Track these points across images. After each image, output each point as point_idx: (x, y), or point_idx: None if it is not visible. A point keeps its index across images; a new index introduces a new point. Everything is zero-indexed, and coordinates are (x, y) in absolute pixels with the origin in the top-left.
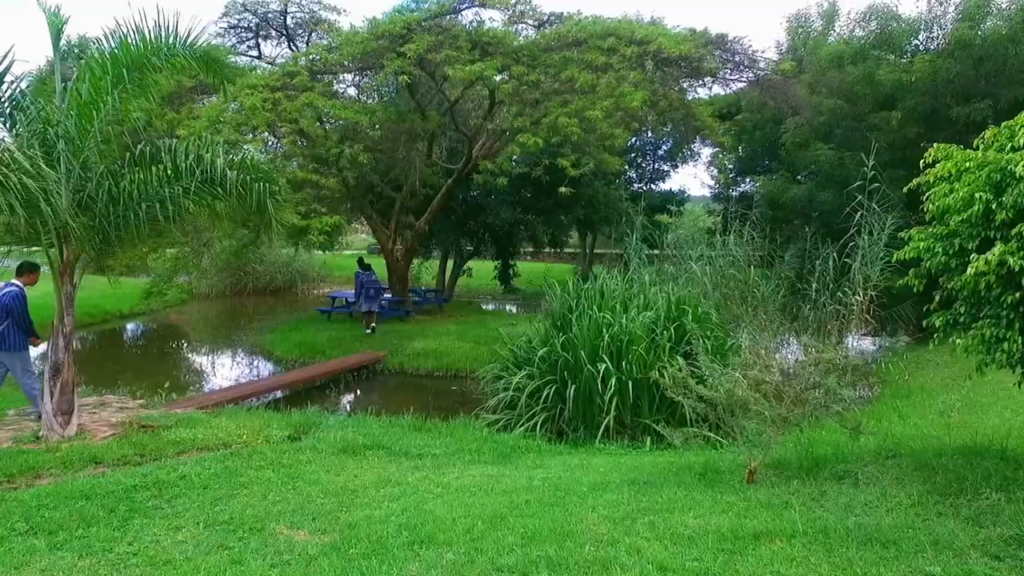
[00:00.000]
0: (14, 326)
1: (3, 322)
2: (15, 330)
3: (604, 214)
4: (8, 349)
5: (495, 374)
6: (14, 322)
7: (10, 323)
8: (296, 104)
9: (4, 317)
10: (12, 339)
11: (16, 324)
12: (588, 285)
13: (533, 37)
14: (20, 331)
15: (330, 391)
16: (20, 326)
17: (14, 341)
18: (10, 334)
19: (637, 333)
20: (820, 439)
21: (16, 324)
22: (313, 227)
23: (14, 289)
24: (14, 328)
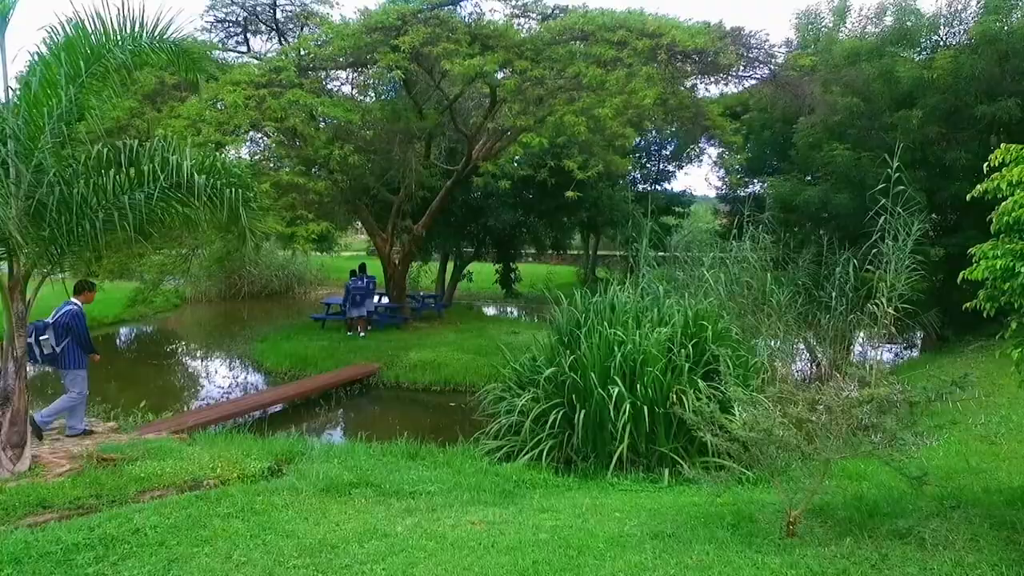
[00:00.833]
0: (74, 344)
1: (64, 340)
2: (75, 348)
3: (609, 216)
4: (68, 366)
5: (497, 395)
6: (74, 340)
7: (70, 341)
8: (282, 101)
9: (64, 335)
10: (71, 357)
11: (76, 342)
12: (597, 298)
13: (537, 31)
14: (80, 349)
15: (320, 409)
16: (80, 344)
17: (73, 359)
18: (70, 352)
19: (652, 352)
20: (862, 473)
21: (76, 342)
22: (298, 235)
23: (73, 307)
24: (74, 346)
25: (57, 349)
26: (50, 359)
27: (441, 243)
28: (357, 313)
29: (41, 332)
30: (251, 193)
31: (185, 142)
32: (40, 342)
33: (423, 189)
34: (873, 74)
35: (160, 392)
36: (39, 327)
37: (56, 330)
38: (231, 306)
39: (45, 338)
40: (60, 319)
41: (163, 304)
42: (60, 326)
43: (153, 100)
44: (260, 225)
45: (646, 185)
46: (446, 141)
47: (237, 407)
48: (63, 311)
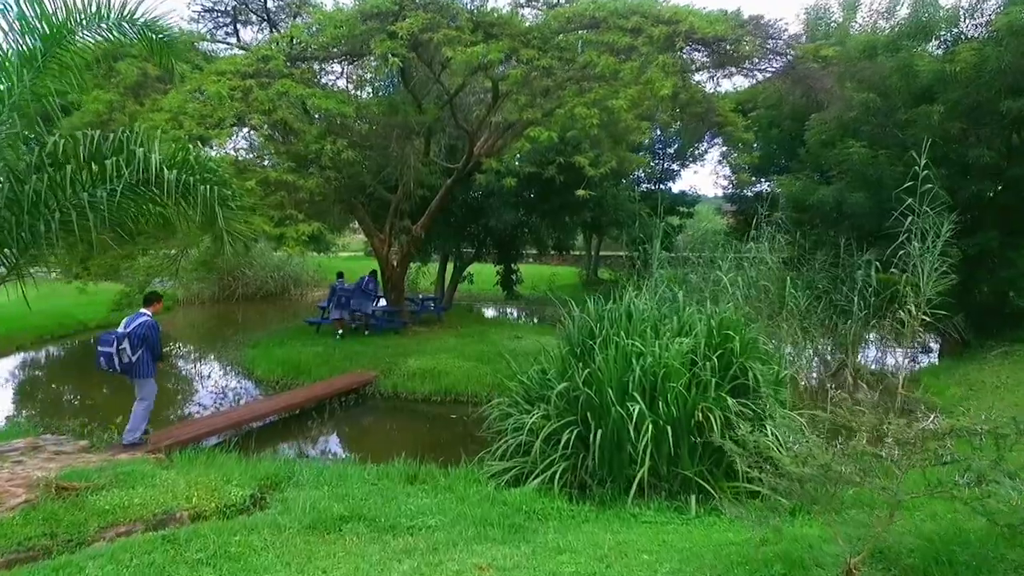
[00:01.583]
0: (148, 354)
1: (139, 350)
2: (148, 358)
3: (614, 216)
4: (141, 375)
5: (503, 411)
6: (148, 350)
7: (144, 351)
8: (270, 92)
9: (140, 345)
10: (145, 366)
11: (150, 352)
12: (612, 305)
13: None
14: (153, 359)
15: (312, 422)
16: (153, 353)
17: (147, 368)
18: (144, 362)
19: (674, 365)
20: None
21: (150, 352)
22: (288, 236)
23: (147, 319)
24: (148, 356)
25: (133, 359)
26: (126, 368)
27: (441, 244)
28: (338, 315)
29: (120, 342)
30: (229, 191)
31: (156, 134)
32: (120, 352)
33: (422, 188)
34: (890, 68)
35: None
36: (118, 337)
37: (132, 340)
38: (224, 308)
39: (124, 348)
40: (136, 330)
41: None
42: (136, 336)
43: (136, 93)
44: (239, 226)
45: (650, 184)
46: (446, 138)
47: (221, 422)
48: (138, 322)
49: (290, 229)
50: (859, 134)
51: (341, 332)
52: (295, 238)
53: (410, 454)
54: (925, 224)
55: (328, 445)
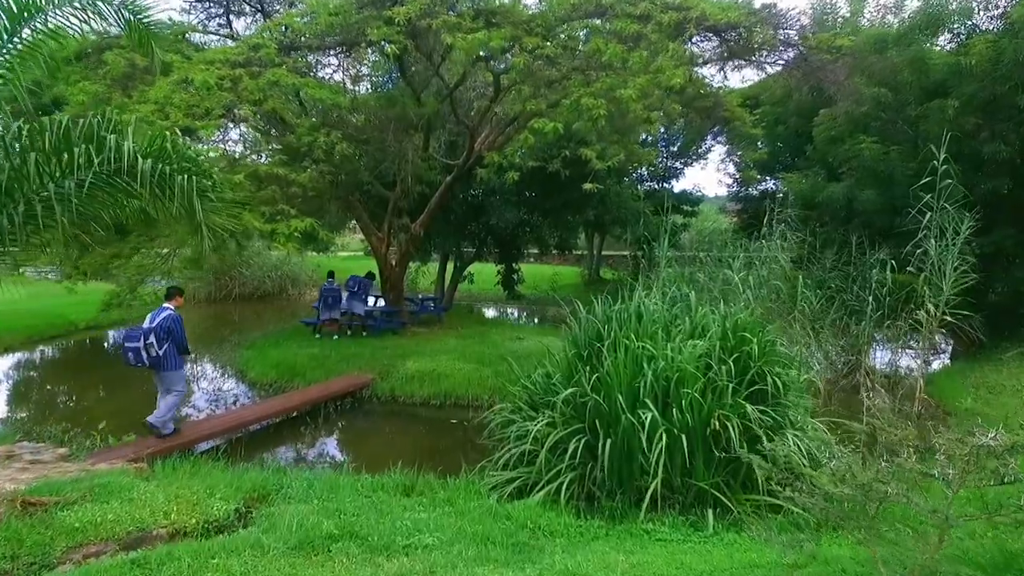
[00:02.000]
0: (173, 347)
1: (164, 344)
2: (174, 350)
3: (617, 214)
4: (169, 368)
5: (505, 417)
6: (173, 343)
7: (170, 344)
8: (260, 82)
9: (165, 339)
10: (172, 360)
11: (175, 345)
12: (621, 305)
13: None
14: (178, 351)
15: (305, 428)
16: (178, 347)
17: (174, 361)
18: (170, 355)
19: (688, 370)
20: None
21: (175, 345)
22: (279, 232)
23: (171, 313)
24: (173, 349)
25: (160, 352)
26: (154, 362)
27: (441, 243)
28: (327, 315)
29: (147, 337)
30: (209, 182)
31: (130, 120)
32: (147, 347)
33: (421, 184)
34: (901, 62)
35: (127, 409)
36: (145, 332)
37: (157, 334)
38: (221, 308)
39: (151, 342)
40: (161, 324)
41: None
42: (162, 330)
43: (124, 85)
44: (219, 219)
45: (653, 183)
46: (446, 134)
47: (208, 428)
48: (161, 316)
49: (281, 225)
50: (869, 130)
51: (326, 332)
52: (286, 235)
53: (407, 462)
54: (943, 221)
55: (321, 452)
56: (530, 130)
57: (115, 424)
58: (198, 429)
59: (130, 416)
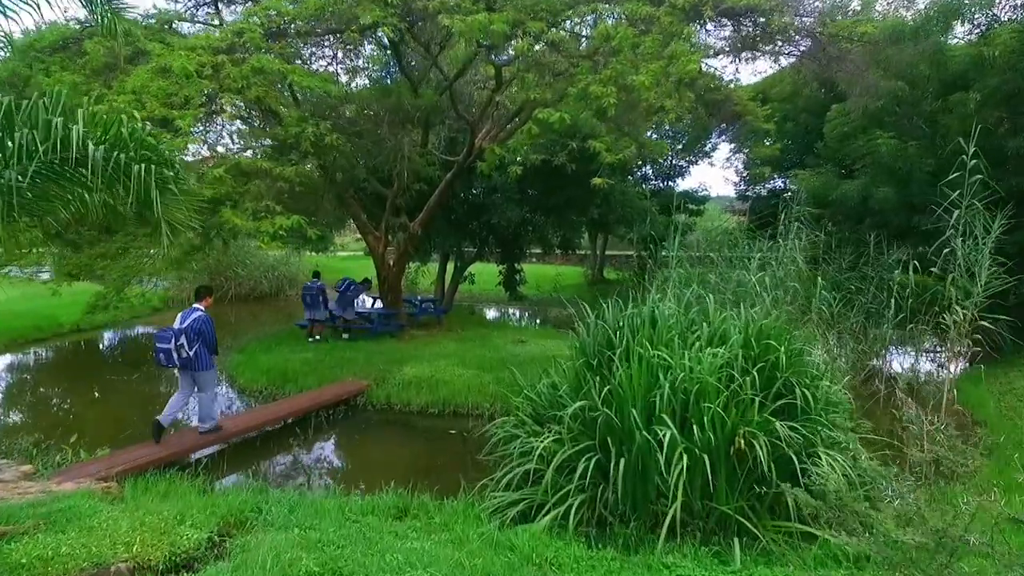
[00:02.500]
0: (204, 347)
1: (195, 344)
2: (205, 350)
3: (622, 213)
4: (200, 369)
5: (508, 432)
6: (204, 343)
7: (201, 344)
8: (244, 69)
9: (196, 339)
10: (203, 359)
11: (205, 345)
12: (633, 310)
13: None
14: (209, 351)
15: (294, 439)
16: (209, 347)
17: (205, 361)
18: (201, 355)
19: (709, 382)
20: None
21: (205, 345)
22: (264, 230)
23: (201, 314)
24: (204, 349)
25: (190, 353)
26: (185, 363)
27: (440, 242)
28: (310, 315)
29: (177, 338)
30: (171, 172)
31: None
32: (178, 348)
33: (419, 182)
34: (918, 54)
35: (103, 419)
36: (176, 333)
37: (188, 335)
38: (215, 310)
39: (181, 343)
40: (192, 325)
41: (142, 307)
42: (193, 331)
43: (105, 76)
44: (182, 215)
45: (658, 181)
46: (446, 130)
47: (188, 442)
48: (192, 317)
49: (265, 223)
50: (884, 125)
51: (316, 335)
52: (271, 233)
53: (401, 478)
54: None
55: (310, 466)
56: (535, 121)
57: (93, 436)
58: (175, 443)
59: (111, 427)
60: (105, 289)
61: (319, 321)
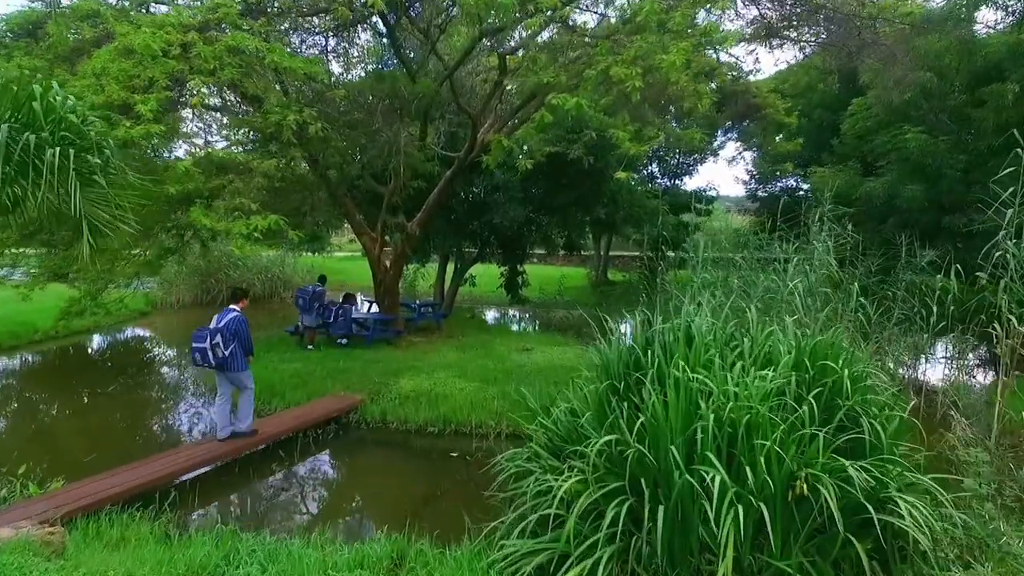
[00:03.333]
0: (240, 348)
1: (231, 345)
2: (240, 351)
3: (630, 212)
4: (236, 369)
5: (520, 466)
6: (240, 344)
7: (236, 345)
8: (216, 47)
9: (232, 340)
10: (239, 360)
11: (242, 346)
12: (664, 324)
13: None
14: (244, 352)
15: (276, 465)
16: (244, 348)
17: (241, 362)
18: (236, 356)
19: (762, 412)
20: None
21: (242, 346)
22: (234, 232)
23: (237, 314)
24: (239, 350)
25: (226, 353)
26: (221, 363)
27: (440, 243)
28: (308, 322)
29: (213, 337)
30: (98, 159)
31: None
32: (214, 347)
33: (417, 178)
34: (945, 44)
35: (68, 441)
36: (211, 332)
37: (224, 335)
38: (205, 313)
39: (217, 343)
40: (228, 325)
41: (128, 311)
42: (228, 331)
43: (71, 61)
44: (103, 213)
45: (664, 179)
46: (446, 124)
47: (158, 471)
48: (228, 318)
49: (239, 223)
50: (911, 119)
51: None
52: (244, 234)
53: (397, 514)
54: None
55: (291, 501)
56: (548, 108)
57: (53, 462)
58: (139, 473)
59: (76, 450)
60: (80, 294)
61: (311, 328)
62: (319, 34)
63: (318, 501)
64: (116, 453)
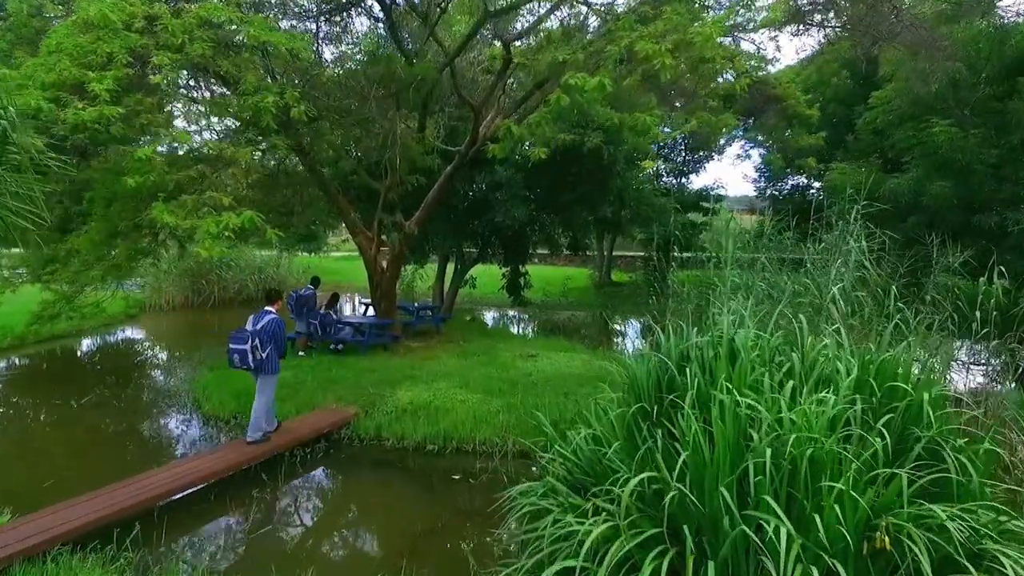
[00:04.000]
0: (275, 351)
1: (268, 346)
2: (276, 355)
3: (637, 210)
4: (269, 372)
5: (534, 503)
6: (275, 347)
7: (272, 348)
8: (186, 21)
9: (268, 342)
10: (273, 363)
11: (277, 348)
12: (701, 337)
13: None
14: (278, 356)
15: (257, 490)
16: (279, 350)
17: (275, 365)
18: (271, 359)
19: (829, 447)
20: None
21: (277, 348)
22: (203, 230)
23: (273, 316)
24: (275, 353)
25: (263, 356)
26: (258, 365)
27: (440, 243)
28: (300, 328)
29: (252, 339)
30: None
31: None
32: (253, 349)
33: (415, 173)
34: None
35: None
36: (251, 334)
37: (261, 338)
38: (196, 316)
39: (255, 345)
40: (266, 327)
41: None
42: (266, 333)
43: (35, 44)
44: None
45: (671, 178)
46: (446, 117)
47: (122, 501)
48: (264, 320)
49: (208, 221)
50: (936, 112)
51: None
52: (213, 233)
53: (392, 552)
54: None
55: (269, 537)
56: (563, 88)
57: (5, 490)
58: (103, 502)
59: (32, 475)
60: (54, 296)
61: (301, 333)
62: (311, 19)
63: (302, 536)
64: (81, 477)
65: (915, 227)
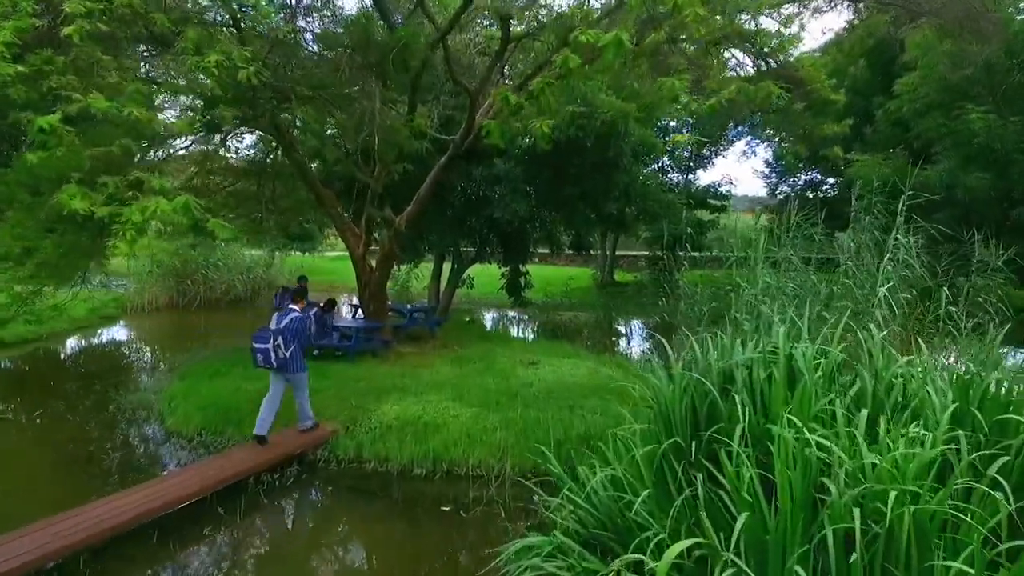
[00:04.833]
0: (299, 350)
1: (291, 345)
2: (300, 353)
3: (644, 207)
4: (295, 371)
5: (537, 567)
6: (300, 346)
7: (296, 347)
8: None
9: (292, 341)
10: (298, 361)
11: (301, 348)
12: (749, 350)
13: None
14: (303, 354)
15: (210, 528)
16: (303, 349)
17: (300, 364)
18: (296, 357)
19: (930, 500)
20: None
21: (301, 348)
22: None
23: (297, 315)
24: (300, 351)
25: (287, 354)
26: (282, 364)
27: (435, 241)
28: None
29: (275, 338)
30: None
31: None
32: (276, 348)
33: (403, 160)
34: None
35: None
36: (273, 333)
37: (285, 337)
38: (179, 318)
39: (278, 344)
40: (290, 326)
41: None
42: (290, 332)
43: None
44: None
45: (678, 174)
46: (440, 106)
47: (50, 542)
48: (288, 319)
49: (133, 209)
50: (968, 99)
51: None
52: (136, 223)
53: None
54: None
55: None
56: (573, 47)
57: None
58: (20, 549)
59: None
60: (7, 298)
61: None
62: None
63: None
64: (8, 510)
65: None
